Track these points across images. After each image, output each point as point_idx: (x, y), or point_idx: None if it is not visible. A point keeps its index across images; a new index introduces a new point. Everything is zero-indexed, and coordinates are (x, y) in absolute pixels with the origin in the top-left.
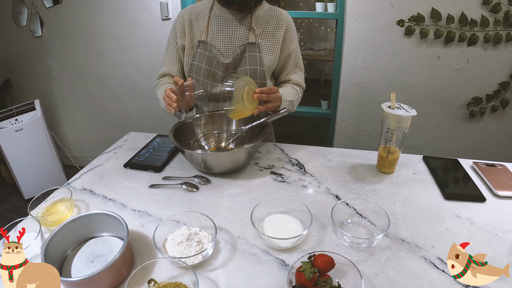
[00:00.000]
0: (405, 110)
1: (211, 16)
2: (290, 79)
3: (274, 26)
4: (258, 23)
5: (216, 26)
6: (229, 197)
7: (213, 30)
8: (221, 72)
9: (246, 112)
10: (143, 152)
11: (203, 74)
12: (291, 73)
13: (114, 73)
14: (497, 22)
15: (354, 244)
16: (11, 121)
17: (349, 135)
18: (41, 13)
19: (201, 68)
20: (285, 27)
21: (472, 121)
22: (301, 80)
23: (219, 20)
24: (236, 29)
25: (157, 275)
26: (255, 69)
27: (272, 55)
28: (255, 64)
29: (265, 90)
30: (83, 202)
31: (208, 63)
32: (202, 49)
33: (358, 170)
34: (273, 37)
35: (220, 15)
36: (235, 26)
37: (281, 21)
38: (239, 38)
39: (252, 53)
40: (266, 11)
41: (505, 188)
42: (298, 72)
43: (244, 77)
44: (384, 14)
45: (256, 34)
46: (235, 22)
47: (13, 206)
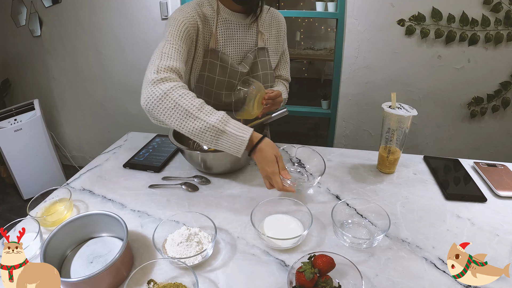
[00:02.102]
0: (405, 110)
1: (219, 20)
2: (281, 75)
3: (276, 29)
4: (265, 27)
5: (225, 33)
6: (229, 197)
7: (223, 37)
8: (237, 81)
9: (253, 115)
10: (143, 152)
11: (216, 85)
12: (282, 69)
13: (114, 72)
14: (498, 22)
15: (355, 244)
16: (10, 121)
17: (349, 135)
18: (40, 13)
19: (214, 80)
20: (283, 28)
21: (473, 121)
22: (288, 74)
23: (228, 25)
24: (245, 35)
25: (157, 275)
26: (267, 74)
27: (276, 56)
28: (266, 69)
29: (273, 96)
30: (82, 202)
31: (222, 73)
32: (213, 58)
33: (359, 170)
34: (276, 40)
35: (228, 19)
36: (244, 31)
37: (280, 22)
38: (249, 43)
39: (262, 58)
40: (267, 14)
41: (506, 188)
42: (287, 67)
43: (256, 83)
44: (384, 13)
45: (264, 38)
46: (244, 26)
47: (12, 206)
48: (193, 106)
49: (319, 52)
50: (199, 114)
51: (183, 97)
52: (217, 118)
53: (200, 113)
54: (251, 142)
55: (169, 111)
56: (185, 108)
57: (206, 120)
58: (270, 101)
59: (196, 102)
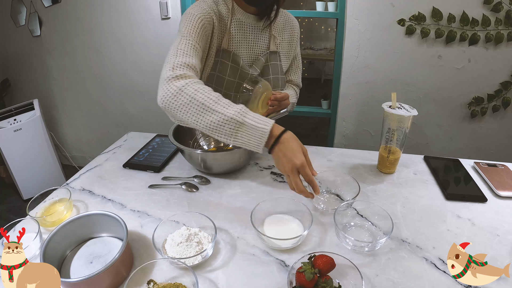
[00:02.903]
0: (406, 110)
1: (233, 21)
2: (292, 80)
3: (289, 33)
4: (278, 31)
5: (238, 34)
6: (229, 197)
7: (236, 38)
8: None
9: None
10: (143, 152)
11: (226, 86)
12: (293, 74)
13: (114, 72)
14: (498, 22)
15: (357, 247)
16: (9, 121)
17: (349, 135)
18: (40, 12)
19: (224, 80)
20: (296, 32)
21: (474, 121)
22: (300, 79)
23: (241, 27)
24: (258, 37)
25: (157, 275)
26: (277, 78)
27: (288, 60)
28: (277, 73)
29: (279, 98)
30: (82, 203)
31: (232, 74)
32: (224, 58)
33: (359, 170)
34: (288, 44)
35: (242, 21)
36: (257, 33)
37: (293, 27)
38: (261, 46)
39: (274, 62)
40: (280, 17)
41: (506, 189)
42: (298, 72)
43: (264, 82)
44: (384, 13)
45: (277, 42)
46: (257, 29)
47: (12, 207)
48: (209, 99)
49: (319, 52)
50: (216, 107)
51: (198, 91)
52: (235, 110)
53: (217, 106)
54: (272, 134)
55: (185, 106)
56: (202, 102)
57: (224, 112)
58: (276, 103)
59: (213, 96)
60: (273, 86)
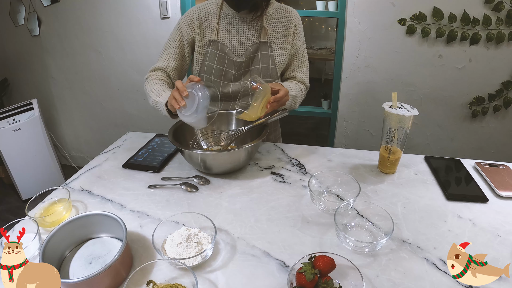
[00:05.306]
0: (406, 109)
1: (221, 15)
2: (295, 76)
3: (285, 24)
4: (269, 22)
5: (226, 26)
6: (228, 197)
7: (224, 29)
8: (233, 71)
9: (256, 117)
10: (142, 152)
11: (214, 74)
12: (297, 70)
13: (113, 72)
14: (499, 21)
15: (358, 248)
16: (8, 121)
17: (350, 135)
18: (39, 12)
19: (213, 68)
20: (294, 24)
21: (475, 120)
22: (306, 78)
23: (230, 19)
24: (247, 29)
25: (156, 276)
26: (267, 68)
27: (283, 52)
28: (267, 63)
29: (278, 98)
30: (81, 203)
31: (220, 62)
32: (213, 48)
33: (359, 170)
34: (284, 35)
35: (230, 14)
36: (246, 25)
37: (290, 18)
38: (250, 37)
39: (264, 52)
40: (275, 9)
41: (507, 189)
42: (303, 70)
43: (264, 85)
44: (385, 12)
45: (268, 33)
46: (247, 21)
47: (11, 207)
48: (150, 90)
49: (320, 52)
50: (151, 94)
51: (149, 84)
52: (151, 88)
53: (152, 93)
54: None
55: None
56: (147, 91)
57: (155, 98)
58: (275, 104)
59: (153, 87)
60: (262, 76)
